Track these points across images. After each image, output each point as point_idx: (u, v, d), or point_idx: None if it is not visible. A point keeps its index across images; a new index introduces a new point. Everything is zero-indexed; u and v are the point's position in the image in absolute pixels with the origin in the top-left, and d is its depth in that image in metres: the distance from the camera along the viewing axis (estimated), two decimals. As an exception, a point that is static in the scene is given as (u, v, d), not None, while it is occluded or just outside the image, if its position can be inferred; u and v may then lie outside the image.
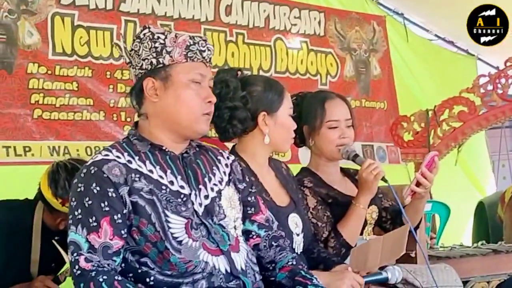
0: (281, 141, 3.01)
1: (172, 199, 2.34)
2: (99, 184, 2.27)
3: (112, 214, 2.26)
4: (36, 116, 4.88)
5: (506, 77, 6.12)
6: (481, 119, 6.11)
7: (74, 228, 2.26)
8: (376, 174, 3.14)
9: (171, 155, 2.43)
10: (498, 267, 4.37)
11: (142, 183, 2.32)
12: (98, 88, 5.18)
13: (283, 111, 2.98)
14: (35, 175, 4.73)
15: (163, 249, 2.28)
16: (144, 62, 2.40)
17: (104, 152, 2.37)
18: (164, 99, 2.40)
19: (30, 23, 4.89)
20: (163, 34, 2.42)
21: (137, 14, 5.42)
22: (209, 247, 2.33)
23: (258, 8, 6.18)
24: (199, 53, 2.43)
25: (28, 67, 4.85)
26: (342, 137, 3.28)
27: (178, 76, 2.40)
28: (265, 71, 6.14)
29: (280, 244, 2.60)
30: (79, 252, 2.22)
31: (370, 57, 7.04)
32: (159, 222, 2.28)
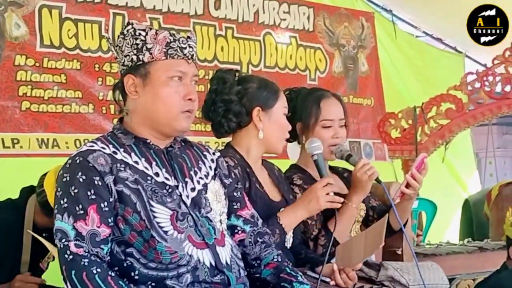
0: (274, 139, 3.01)
1: (157, 190, 2.32)
2: (85, 173, 2.26)
3: (99, 202, 2.25)
4: (24, 108, 4.87)
5: (494, 75, 6.12)
6: (468, 117, 6.10)
7: (60, 217, 2.25)
8: (370, 175, 3.13)
9: (155, 149, 2.42)
10: (483, 264, 4.38)
11: (127, 173, 2.31)
12: (86, 80, 5.17)
13: (278, 109, 2.99)
14: (24, 167, 4.74)
15: (148, 237, 2.26)
16: (126, 59, 2.40)
17: (89, 144, 2.36)
18: (143, 96, 2.39)
19: (18, 15, 4.87)
20: (144, 31, 2.40)
21: (126, 7, 5.41)
22: (194, 240, 2.32)
23: (248, 3, 6.19)
24: (179, 50, 2.41)
25: (15, 59, 4.84)
26: (335, 136, 3.28)
27: (157, 74, 2.38)
28: (254, 65, 6.15)
29: (266, 241, 2.59)
30: (67, 239, 2.21)
31: (358, 53, 7.05)
32: (145, 211, 2.28)
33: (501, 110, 6.09)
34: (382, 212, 3.37)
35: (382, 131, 6.10)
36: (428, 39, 8.31)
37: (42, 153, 4.87)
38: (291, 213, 2.95)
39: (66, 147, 4.98)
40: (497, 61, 6.13)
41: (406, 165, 6.04)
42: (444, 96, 6.10)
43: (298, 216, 2.95)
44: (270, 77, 5.27)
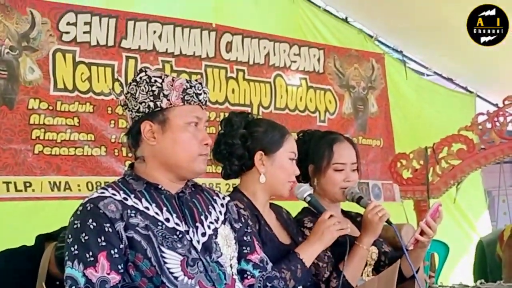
0: (278, 183, 3.01)
1: (168, 235, 2.33)
2: (96, 219, 2.27)
3: (109, 249, 2.25)
4: (37, 152, 4.88)
5: (504, 115, 6.14)
6: (480, 157, 6.11)
7: (70, 264, 2.25)
8: (381, 216, 3.14)
9: (166, 194, 2.43)
10: (497, 308, 4.34)
11: (138, 219, 2.31)
12: (99, 123, 5.19)
13: (282, 154, 3.00)
14: (36, 211, 4.74)
15: (159, 284, 2.26)
16: (141, 106, 2.41)
17: (100, 190, 2.37)
18: (162, 142, 2.41)
19: (32, 59, 4.91)
20: (160, 77, 2.43)
21: (138, 51, 5.45)
22: (205, 285, 2.32)
23: (258, 45, 6.22)
24: (195, 96, 2.44)
25: (29, 103, 4.87)
26: (347, 180, 3.29)
27: (176, 119, 2.41)
28: (264, 107, 6.17)
29: (275, 285, 2.59)
30: (77, 286, 2.21)
31: (368, 94, 7.06)
32: (155, 257, 2.28)
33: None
34: (394, 258, 3.34)
35: (394, 172, 6.10)
36: (438, 78, 8.32)
37: (54, 196, 4.88)
38: (308, 247, 2.97)
39: (78, 189, 4.98)
40: (508, 102, 6.15)
41: (418, 206, 6.04)
42: (455, 137, 6.12)
43: (316, 249, 2.98)
44: (280, 119, 5.33)
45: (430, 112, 7.81)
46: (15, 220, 4.65)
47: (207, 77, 5.81)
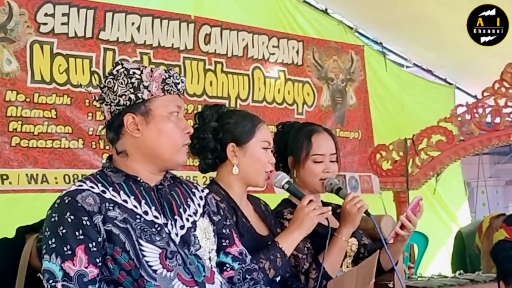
0: (252, 173, 3.01)
1: (146, 228, 2.33)
2: (73, 213, 2.26)
3: (87, 242, 2.25)
4: (14, 144, 4.88)
5: (483, 107, 6.19)
6: (459, 149, 6.15)
7: (48, 257, 2.25)
8: (359, 207, 3.15)
9: (145, 186, 2.43)
10: (475, 297, 4.39)
11: (116, 212, 2.31)
12: (77, 116, 5.18)
13: (254, 143, 3.00)
14: (13, 204, 4.73)
15: (137, 277, 2.26)
16: (121, 98, 2.39)
17: (78, 183, 2.36)
18: (146, 133, 2.40)
19: (9, 50, 4.89)
20: (139, 69, 2.43)
21: (117, 42, 5.44)
22: (184, 278, 2.32)
23: (237, 37, 6.21)
24: (174, 85, 2.44)
25: (6, 95, 4.86)
26: (326, 171, 3.30)
27: (159, 110, 2.41)
28: (242, 100, 6.17)
29: (254, 278, 2.60)
30: (55, 279, 2.21)
31: (346, 87, 7.07)
32: (134, 250, 2.28)
33: (491, 142, 6.16)
34: (373, 250, 3.36)
35: (373, 163, 6.13)
36: (418, 70, 8.36)
37: (31, 188, 4.87)
38: (288, 236, 2.98)
39: (56, 182, 4.97)
40: (487, 93, 6.20)
41: (398, 197, 6.08)
42: (435, 128, 6.16)
43: (295, 237, 2.98)
44: (257, 111, 5.33)
45: (409, 104, 7.85)
46: (-8, 212, 4.65)
47: (185, 69, 5.81)
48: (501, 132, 6.17)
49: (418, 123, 6.51)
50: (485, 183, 8.41)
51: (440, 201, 7.95)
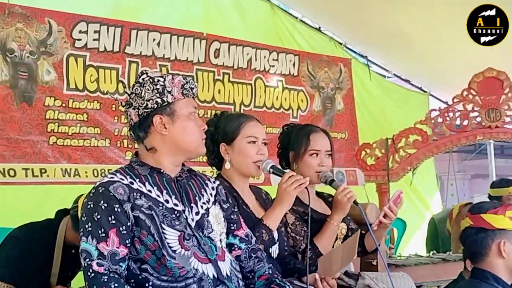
0: (241, 166, 3.03)
1: (167, 215, 2.36)
2: (106, 201, 2.29)
3: (118, 226, 2.28)
4: (51, 143, 4.91)
5: (454, 111, 6.19)
6: (433, 147, 6.16)
7: (85, 239, 2.27)
8: (349, 197, 3.19)
9: (167, 177, 2.45)
10: (446, 273, 4.40)
11: (142, 200, 2.34)
12: (105, 118, 5.21)
13: (240, 140, 3.02)
14: (50, 194, 4.76)
15: (160, 255, 2.29)
16: (149, 102, 2.42)
17: (110, 175, 2.39)
18: (173, 131, 2.44)
19: (48, 62, 4.93)
20: (162, 77, 2.46)
21: (140, 56, 5.47)
22: (199, 256, 2.35)
23: (243, 52, 6.23)
24: (190, 90, 2.49)
25: (45, 101, 4.89)
26: (321, 164, 3.32)
27: (181, 111, 2.45)
28: (245, 105, 6.19)
29: (258, 256, 2.62)
30: (91, 258, 2.24)
31: (335, 94, 7.08)
32: (157, 233, 2.31)
33: (460, 141, 6.17)
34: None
35: (359, 159, 6.14)
36: (397, 80, 8.36)
37: (65, 181, 4.90)
38: (271, 213, 2.98)
39: (86, 176, 5.02)
40: (457, 100, 6.20)
41: (380, 188, 6.10)
42: (412, 129, 6.16)
43: (277, 213, 2.97)
44: (258, 115, 5.35)
45: (390, 108, 7.84)
46: (32, 201, 4.68)
47: (198, 79, 5.82)
48: (469, 133, 6.17)
49: (397, 125, 6.50)
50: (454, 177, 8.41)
51: (415, 192, 7.97)
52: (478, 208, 2.97)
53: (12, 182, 4.69)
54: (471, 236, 2.93)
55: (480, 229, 2.91)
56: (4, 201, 4.63)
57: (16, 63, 4.75)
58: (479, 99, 6.10)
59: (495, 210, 2.91)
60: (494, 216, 2.90)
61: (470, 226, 2.95)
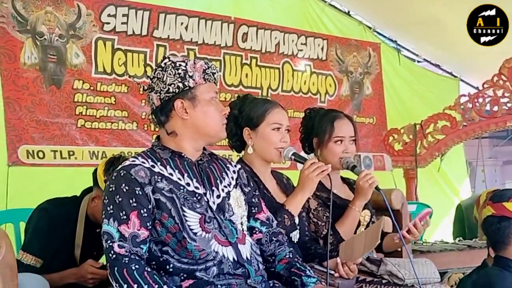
0: (263, 152, 3.04)
1: (188, 197, 2.37)
2: (128, 184, 2.30)
3: (139, 209, 2.29)
4: (79, 125, 4.98)
5: (483, 97, 6.15)
6: (461, 133, 6.13)
7: (107, 221, 2.29)
8: (371, 183, 3.18)
9: (188, 161, 2.46)
10: (472, 260, 4.36)
11: (163, 183, 2.35)
12: (132, 102, 5.26)
13: (264, 126, 3.02)
14: (77, 175, 4.83)
15: (181, 238, 2.30)
16: (170, 87, 2.42)
17: (131, 159, 2.41)
18: (194, 115, 2.44)
19: (77, 46, 4.98)
20: (184, 62, 2.46)
21: (168, 40, 5.50)
22: (220, 239, 2.36)
23: (270, 36, 6.24)
24: (212, 75, 2.49)
25: (74, 84, 4.95)
26: (345, 151, 3.30)
27: (203, 95, 2.45)
28: (273, 90, 6.21)
29: (279, 240, 2.62)
30: (112, 240, 2.25)
31: (364, 79, 7.07)
32: (178, 216, 2.32)
33: (489, 127, 6.13)
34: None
35: (387, 144, 6.13)
36: (427, 65, 8.29)
37: (93, 163, 4.90)
38: (293, 199, 2.99)
39: (114, 159, 5.07)
40: (487, 85, 6.15)
41: (407, 174, 6.09)
42: (441, 115, 6.14)
43: (299, 199, 2.99)
44: (285, 100, 5.36)
45: (420, 94, 7.79)
46: (61, 183, 4.73)
47: (225, 63, 5.85)
48: (499, 119, 6.12)
49: (427, 111, 6.48)
50: (483, 163, 8.33)
51: (445, 178, 7.92)
52: (499, 196, 2.94)
53: (40, 163, 4.77)
54: (493, 225, 2.92)
55: (502, 217, 2.89)
56: (33, 182, 4.71)
57: (46, 46, 4.81)
58: (510, 84, 6.05)
59: None
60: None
61: (492, 214, 2.93)
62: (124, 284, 2.18)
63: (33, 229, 3.34)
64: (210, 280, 2.30)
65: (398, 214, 3.60)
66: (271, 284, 2.42)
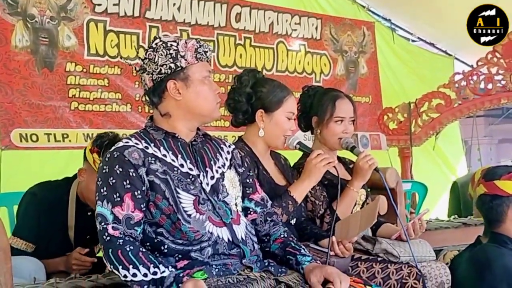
0: (273, 137, 3.04)
1: (182, 179, 2.36)
2: (121, 165, 2.30)
3: (133, 191, 2.28)
4: (73, 108, 4.97)
5: (478, 75, 6.15)
6: (456, 111, 6.14)
7: (100, 203, 2.28)
8: (371, 164, 3.20)
9: (182, 142, 2.46)
10: (467, 238, 4.35)
11: (157, 165, 2.34)
12: (126, 84, 5.25)
13: (280, 113, 3.01)
14: (71, 158, 4.80)
15: (175, 220, 2.30)
16: (162, 68, 2.41)
17: (125, 140, 2.40)
18: (187, 95, 2.43)
19: (69, 28, 4.96)
20: (175, 41, 2.45)
21: (160, 21, 5.47)
22: (214, 220, 2.36)
23: (264, 16, 6.22)
24: (204, 53, 2.47)
25: (66, 66, 4.93)
26: (345, 132, 3.32)
27: (195, 75, 2.43)
28: (267, 70, 6.19)
29: (274, 220, 2.62)
30: (106, 222, 2.25)
31: (359, 58, 7.06)
32: (172, 197, 2.31)
33: (484, 105, 6.14)
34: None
35: (381, 123, 6.13)
36: (422, 43, 8.28)
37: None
38: (298, 186, 3.01)
39: (108, 141, 5.05)
40: (481, 63, 6.15)
41: (402, 152, 6.10)
42: (435, 93, 6.13)
43: (305, 186, 3.01)
44: (280, 80, 5.33)
45: (414, 73, 7.79)
46: (55, 166, 4.72)
47: (219, 43, 5.83)
48: (493, 96, 6.14)
49: (422, 89, 6.47)
50: (478, 141, 8.35)
51: (442, 156, 7.94)
52: (491, 174, 2.95)
53: (34, 147, 4.76)
54: (487, 204, 2.93)
55: (494, 196, 2.90)
56: (27, 165, 4.70)
57: (37, 29, 4.79)
58: (504, 62, 6.06)
59: (509, 175, 2.89)
60: (509, 182, 2.88)
61: (484, 193, 2.94)
62: (119, 265, 2.18)
63: (22, 213, 3.33)
64: (205, 260, 2.30)
65: (393, 192, 3.61)
66: (266, 264, 2.42)
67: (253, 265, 2.37)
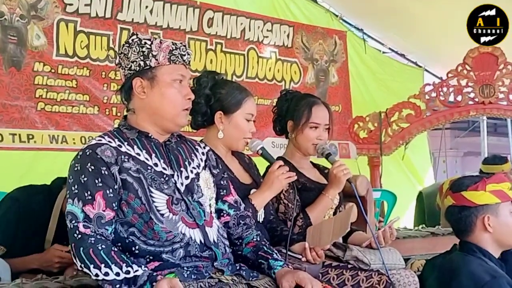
0: (232, 139, 3.05)
1: (156, 178, 2.36)
2: (93, 163, 2.29)
3: (105, 189, 2.27)
4: (39, 108, 4.92)
5: (448, 86, 6.23)
6: (425, 121, 6.20)
7: (71, 201, 2.27)
8: (345, 173, 3.24)
9: (155, 142, 2.45)
10: (435, 247, 4.41)
11: (130, 163, 2.34)
12: (94, 86, 5.21)
13: (239, 114, 3.03)
14: (37, 160, 4.77)
15: (148, 219, 2.30)
16: (133, 64, 2.42)
17: (97, 138, 2.39)
18: (151, 96, 2.42)
19: (39, 27, 4.92)
20: (150, 40, 2.44)
21: (131, 23, 5.46)
22: (187, 221, 2.36)
23: (236, 21, 6.23)
24: (180, 56, 2.46)
25: (34, 66, 4.89)
26: (319, 138, 3.35)
27: (163, 77, 2.42)
28: (237, 76, 6.21)
29: (247, 223, 2.63)
30: (77, 220, 2.23)
31: (329, 67, 7.11)
32: (145, 196, 2.31)
33: (453, 116, 6.22)
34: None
35: (352, 132, 6.17)
36: (393, 54, 8.37)
37: (52, 147, 4.92)
38: (259, 195, 3.01)
39: (73, 143, 5.02)
40: (451, 75, 6.23)
41: (372, 161, 6.15)
42: (405, 103, 6.19)
43: (266, 196, 3.02)
44: (250, 86, 5.38)
45: (385, 83, 7.87)
46: (20, 167, 4.70)
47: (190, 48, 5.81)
48: (462, 108, 6.22)
49: (392, 99, 6.52)
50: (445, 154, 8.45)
51: (410, 166, 8.04)
52: (458, 185, 2.97)
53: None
54: (455, 215, 2.96)
55: (462, 207, 2.92)
56: (-9, 165, 4.64)
57: (6, 27, 4.74)
58: (474, 74, 6.13)
59: (475, 186, 2.92)
60: (475, 192, 2.91)
61: (453, 204, 2.97)
62: (90, 264, 2.17)
63: (1, 217, 3.28)
64: (176, 262, 2.30)
65: (363, 200, 3.65)
66: (237, 267, 2.42)
67: (225, 268, 2.37)
